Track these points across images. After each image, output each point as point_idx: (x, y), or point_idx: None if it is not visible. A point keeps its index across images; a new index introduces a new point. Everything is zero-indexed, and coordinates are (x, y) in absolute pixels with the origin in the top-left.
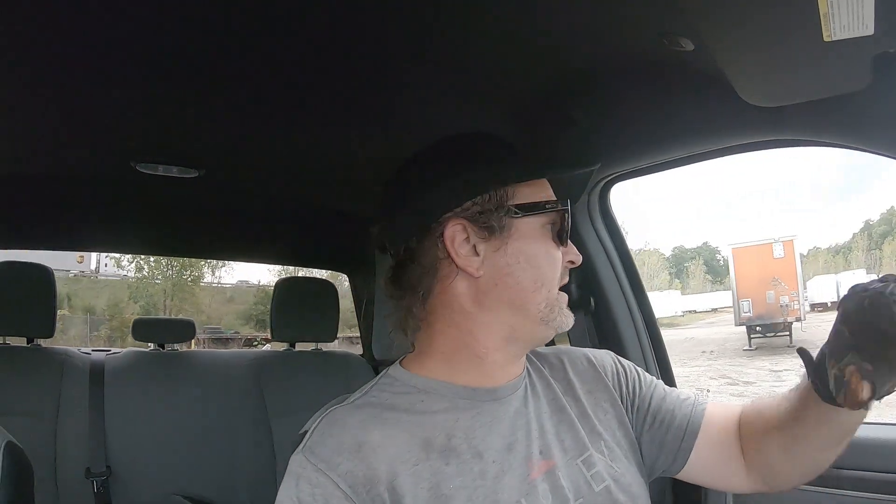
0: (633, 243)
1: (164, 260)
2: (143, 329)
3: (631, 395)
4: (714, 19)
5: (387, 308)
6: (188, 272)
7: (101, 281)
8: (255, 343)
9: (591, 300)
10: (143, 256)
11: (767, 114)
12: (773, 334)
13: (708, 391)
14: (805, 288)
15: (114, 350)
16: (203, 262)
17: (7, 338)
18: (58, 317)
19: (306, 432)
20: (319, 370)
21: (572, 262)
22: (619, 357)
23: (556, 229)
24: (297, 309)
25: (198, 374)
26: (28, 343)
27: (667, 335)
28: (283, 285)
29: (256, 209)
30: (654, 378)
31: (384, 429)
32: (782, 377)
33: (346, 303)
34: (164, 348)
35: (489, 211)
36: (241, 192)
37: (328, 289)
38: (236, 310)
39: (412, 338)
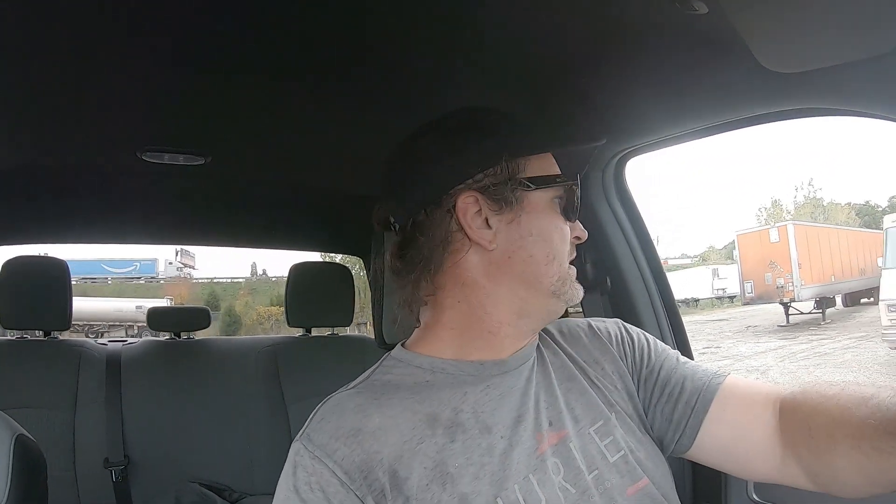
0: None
1: None
2: (158, 319)
3: (638, 365)
4: None
5: (393, 287)
6: None
7: None
8: None
9: (608, 279)
10: None
11: (788, 80)
12: (809, 312)
13: None
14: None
15: (130, 340)
16: None
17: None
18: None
19: None
20: (335, 355)
21: (578, 239)
22: (626, 325)
23: (563, 204)
24: (312, 294)
25: (214, 362)
26: (45, 336)
27: None
28: (297, 270)
29: (266, 195)
30: (668, 347)
31: (385, 410)
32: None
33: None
34: (179, 337)
35: (501, 183)
36: (249, 178)
37: (343, 273)
38: None
39: (417, 314)
